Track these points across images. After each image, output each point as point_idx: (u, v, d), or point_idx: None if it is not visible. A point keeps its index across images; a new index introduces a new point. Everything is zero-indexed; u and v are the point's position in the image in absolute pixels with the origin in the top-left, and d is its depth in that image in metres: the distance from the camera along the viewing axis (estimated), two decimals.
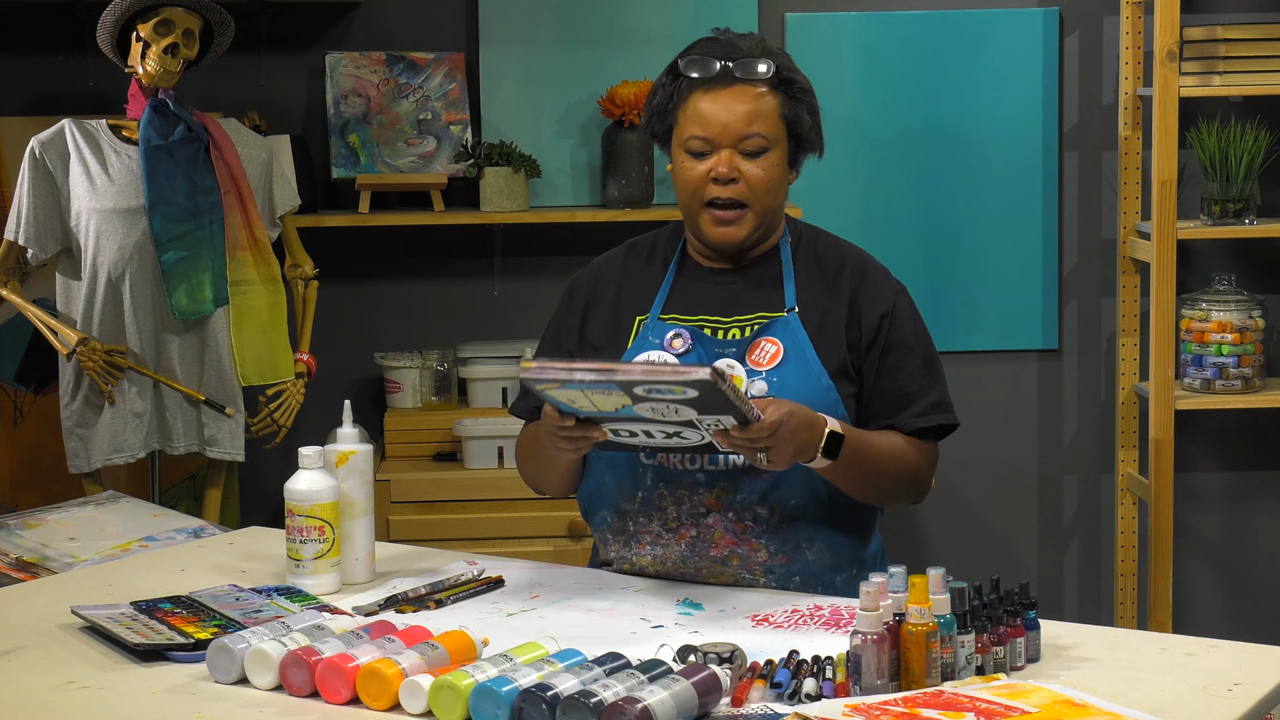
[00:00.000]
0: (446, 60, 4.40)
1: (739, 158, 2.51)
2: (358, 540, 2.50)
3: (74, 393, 3.75)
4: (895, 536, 4.31)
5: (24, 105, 4.35)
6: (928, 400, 2.57)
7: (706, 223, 2.55)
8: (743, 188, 2.52)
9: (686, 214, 2.58)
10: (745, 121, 2.51)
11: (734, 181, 2.51)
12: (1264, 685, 2.01)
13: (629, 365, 2.22)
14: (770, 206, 2.55)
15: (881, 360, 2.56)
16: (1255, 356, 4.24)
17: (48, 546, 2.78)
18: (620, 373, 2.20)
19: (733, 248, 2.57)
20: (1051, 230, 4.51)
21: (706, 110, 2.51)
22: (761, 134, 2.51)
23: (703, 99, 2.52)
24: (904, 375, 2.57)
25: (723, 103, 2.51)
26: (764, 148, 2.52)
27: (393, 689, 1.98)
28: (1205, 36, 4.13)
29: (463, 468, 4.16)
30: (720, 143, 2.51)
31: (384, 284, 4.49)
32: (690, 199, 2.55)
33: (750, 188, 2.52)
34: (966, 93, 4.46)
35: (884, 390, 2.56)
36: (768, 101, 2.52)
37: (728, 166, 2.50)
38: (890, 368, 2.57)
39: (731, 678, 1.99)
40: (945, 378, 2.63)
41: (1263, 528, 4.60)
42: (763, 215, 2.55)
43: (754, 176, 2.52)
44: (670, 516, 2.51)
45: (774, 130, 2.53)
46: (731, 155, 2.51)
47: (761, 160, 2.52)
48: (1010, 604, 2.08)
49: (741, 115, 2.51)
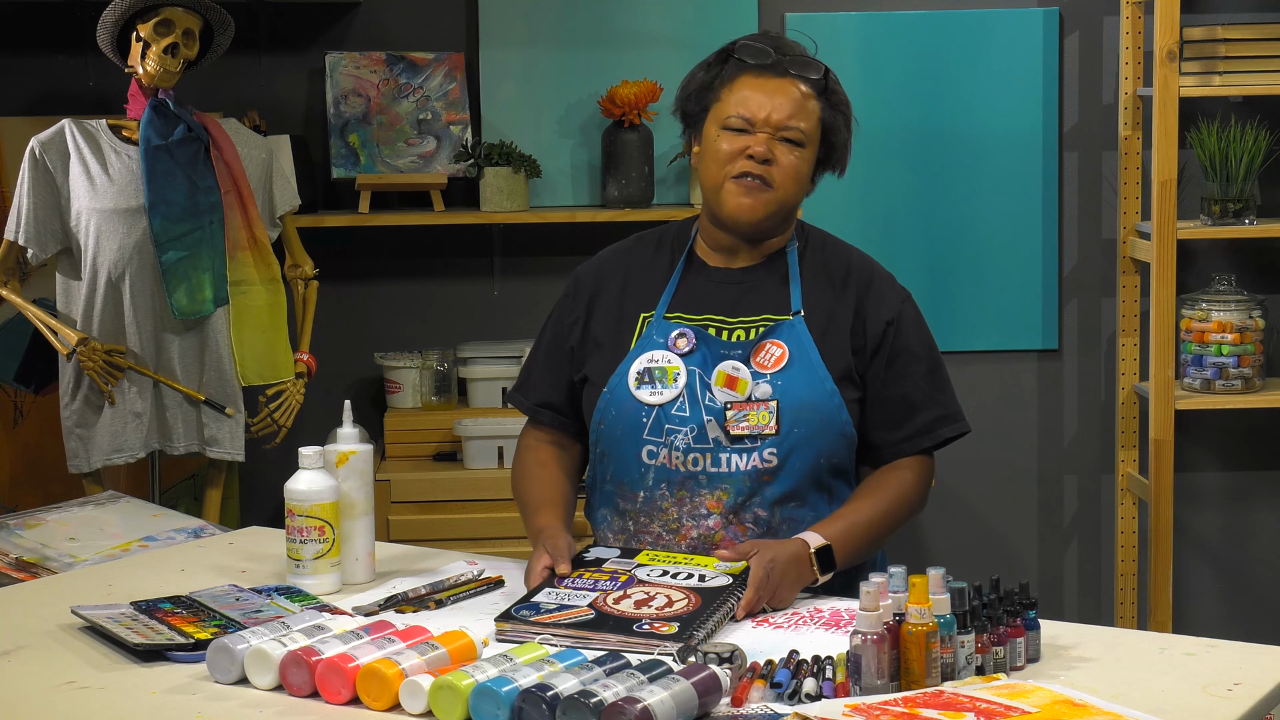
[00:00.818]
0: (446, 60, 4.40)
1: (775, 143, 2.52)
2: (358, 540, 2.50)
3: (74, 393, 3.75)
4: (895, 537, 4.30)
5: (24, 105, 4.35)
6: (931, 413, 2.57)
7: (731, 193, 2.54)
8: (773, 171, 2.52)
9: (710, 186, 2.56)
10: (789, 112, 2.52)
11: (767, 163, 2.52)
12: (1264, 685, 2.01)
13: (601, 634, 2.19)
14: (790, 199, 2.56)
15: (887, 368, 2.57)
16: (1255, 356, 4.24)
17: (48, 546, 2.78)
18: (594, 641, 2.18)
19: (748, 226, 2.56)
20: (1051, 230, 4.51)
21: (753, 94, 2.53)
22: (802, 128, 2.53)
23: (751, 83, 2.54)
24: (908, 383, 2.57)
25: (770, 89, 2.53)
26: (800, 141, 2.53)
27: (393, 689, 1.98)
28: (1205, 36, 4.13)
29: (463, 468, 4.16)
30: (761, 127, 2.52)
31: (384, 284, 4.49)
32: (719, 171, 2.54)
33: (781, 173, 2.52)
34: (966, 93, 4.46)
35: (887, 398, 2.56)
36: (812, 103, 2.55)
37: (764, 147, 2.51)
38: (895, 375, 2.57)
39: (731, 678, 1.99)
40: (952, 385, 2.63)
41: (1263, 528, 4.60)
42: (782, 204, 2.55)
43: (786, 164, 2.53)
44: (671, 517, 2.51)
45: (812, 130, 2.55)
46: (769, 139, 2.52)
47: (796, 151, 2.53)
48: (1010, 604, 2.08)
49: (787, 105, 2.52)
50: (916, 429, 2.57)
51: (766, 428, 2.48)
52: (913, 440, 2.57)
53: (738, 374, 2.50)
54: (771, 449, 2.49)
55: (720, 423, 2.49)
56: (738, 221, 2.56)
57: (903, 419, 2.56)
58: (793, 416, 2.49)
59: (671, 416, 2.51)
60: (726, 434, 2.49)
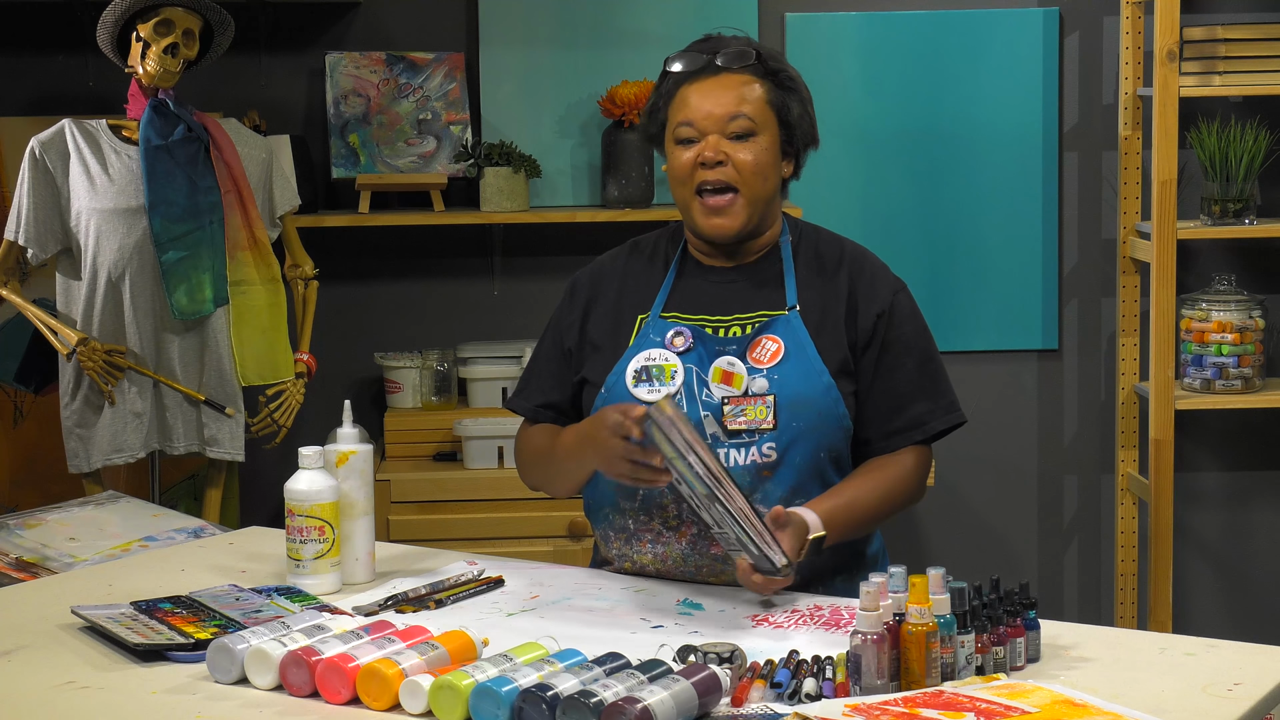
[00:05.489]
0: (446, 60, 4.40)
1: (726, 142, 2.52)
2: (358, 540, 2.50)
3: (74, 393, 3.75)
4: (895, 536, 4.31)
5: (24, 105, 4.35)
6: (922, 406, 2.57)
7: (699, 213, 2.55)
8: (730, 171, 2.52)
9: (681, 207, 2.58)
10: (729, 105, 2.52)
11: (720, 164, 2.52)
12: (1264, 685, 2.01)
13: (737, 494, 2.25)
14: (760, 194, 2.55)
15: (878, 359, 2.56)
16: (1255, 356, 4.24)
17: (48, 546, 2.78)
18: (723, 494, 2.24)
19: (726, 239, 2.57)
20: (1051, 230, 4.51)
21: (692, 99, 2.54)
22: (747, 115, 2.52)
23: (689, 90, 2.55)
24: (900, 376, 2.57)
25: (706, 90, 2.54)
26: (750, 130, 2.53)
27: (393, 689, 1.98)
28: (1205, 36, 4.13)
29: (463, 468, 4.16)
30: (706, 128, 2.52)
31: (384, 284, 4.49)
32: (681, 188, 2.56)
33: (738, 171, 2.52)
34: (966, 93, 4.46)
35: (879, 390, 2.56)
36: (753, 89, 2.54)
37: (714, 150, 2.52)
38: (886, 367, 2.56)
39: (731, 678, 1.99)
40: (947, 375, 2.62)
41: (1263, 528, 4.60)
42: (753, 203, 2.55)
43: (741, 160, 2.52)
44: (671, 515, 2.51)
45: (760, 115, 2.54)
46: (718, 140, 2.52)
47: (749, 144, 2.53)
48: (1010, 604, 2.08)
49: (725, 99, 2.53)
50: (907, 422, 2.56)
51: (764, 422, 2.48)
52: (904, 433, 2.56)
53: (733, 369, 2.50)
54: (770, 443, 2.49)
55: (718, 418, 2.49)
56: (715, 239, 2.58)
57: (894, 411, 2.56)
58: (790, 410, 2.49)
59: None
60: (724, 429, 2.49)
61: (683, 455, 2.23)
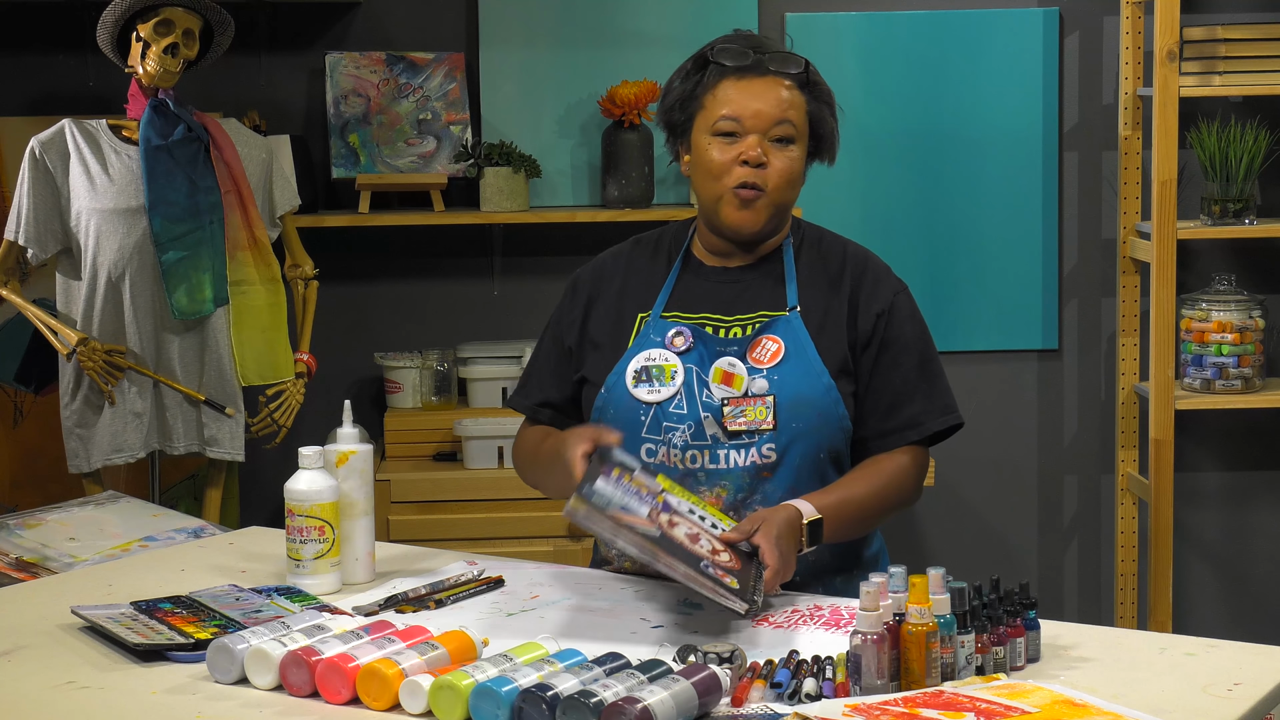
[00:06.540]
0: (446, 60, 4.40)
1: (766, 144, 2.52)
2: (358, 540, 2.50)
3: (74, 393, 3.75)
4: (895, 536, 4.31)
5: (24, 105, 4.35)
6: (920, 407, 2.56)
7: (729, 206, 2.54)
8: (767, 174, 2.52)
9: (707, 199, 2.56)
10: (777, 111, 2.51)
11: (762, 166, 2.51)
12: (1264, 685, 2.00)
13: (678, 562, 2.18)
14: (785, 201, 2.55)
15: (877, 359, 2.56)
16: (1255, 356, 4.24)
17: (48, 546, 2.78)
18: (662, 561, 2.18)
19: (749, 235, 2.56)
20: (1051, 230, 4.51)
21: (738, 96, 2.52)
22: (791, 121, 2.52)
23: (734, 85, 2.53)
24: (898, 376, 2.56)
25: (754, 90, 2.52)
26: (791, 136, 2.53)
27: (393, 689, 1.98)
28: (1205, 36, 4.13)
29: (463, 468, 4.16)
30: (753, 127, 2.51)
31: (384, 284, 4.49)
32: (715, 183, 2.54)
33: (775, 175, 2.52)
34: (966, 93, 4.46)
35: (877, 390, 2.56)
36: (796, 96, 2.54)
37: (757, 151, 2.51)
38: (884, 367, 2.56)
39: (731, 678, 1.98)
40: (945, 378, 2.62)
41: (1263, 528, 4.60)
42: (778, 207, 2.55)
43: (779, 166, 2.52)
44: None
45: (801, 125, 2.55)
46: (761, 141, 2.51)
47: (787, 151, 2.53)
48: (1010, 604, 2.08)
49: (774, 104, 2.52)
50: (904, 422, 2.56)
51: (764, 423, 2.48)
52: (900, 433, 2.56)
53: (734, 370, 2.50)
54: (769, 444, 2.49)
55: (718, 419, 2.49)
56: (739, 233, 2.56)
57: (891, 411, 2.56)
58: (790, 411, 2.49)
59: (669, 414, 2.51)
60: (724, 430, 2.49)
61: (610, 542, 2.21)
